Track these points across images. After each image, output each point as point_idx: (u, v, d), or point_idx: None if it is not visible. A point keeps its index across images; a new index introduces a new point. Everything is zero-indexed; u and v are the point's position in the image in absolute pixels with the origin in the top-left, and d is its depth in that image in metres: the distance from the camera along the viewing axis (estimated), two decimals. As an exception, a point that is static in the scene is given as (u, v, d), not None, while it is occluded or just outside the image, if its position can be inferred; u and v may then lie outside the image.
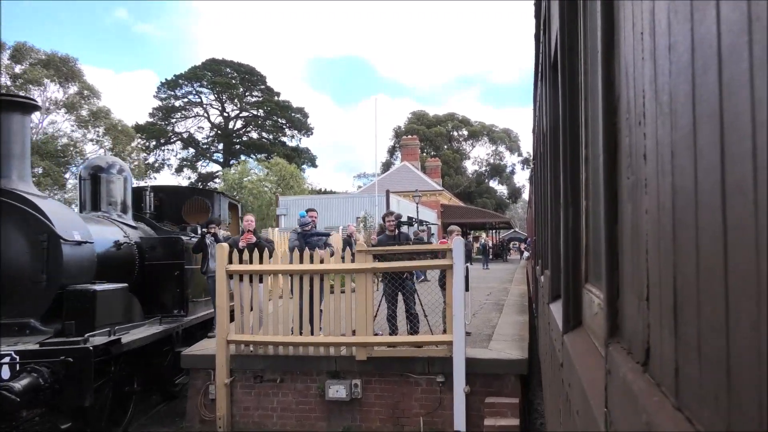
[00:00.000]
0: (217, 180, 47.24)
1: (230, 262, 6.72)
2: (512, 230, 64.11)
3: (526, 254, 31.12)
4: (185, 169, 58.38)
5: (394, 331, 6.84)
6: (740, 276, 0.51)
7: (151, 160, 55.46)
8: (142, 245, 8.04)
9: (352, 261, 6.44)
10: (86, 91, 35.72)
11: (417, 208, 30.43)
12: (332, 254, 6.85)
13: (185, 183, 58.25)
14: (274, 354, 6.69)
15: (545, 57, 3.55)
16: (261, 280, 6.97)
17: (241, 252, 6.91)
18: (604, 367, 1.14)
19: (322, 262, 6.55)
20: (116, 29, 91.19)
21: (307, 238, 7.81)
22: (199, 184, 55.76)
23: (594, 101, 1.65)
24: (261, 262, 6.72)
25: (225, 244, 6.99)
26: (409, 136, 56.24)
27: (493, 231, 56.66)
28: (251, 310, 6.74)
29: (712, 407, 0.57)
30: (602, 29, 1.18)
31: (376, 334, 6.56)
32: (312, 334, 6.50)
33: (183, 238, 8.56)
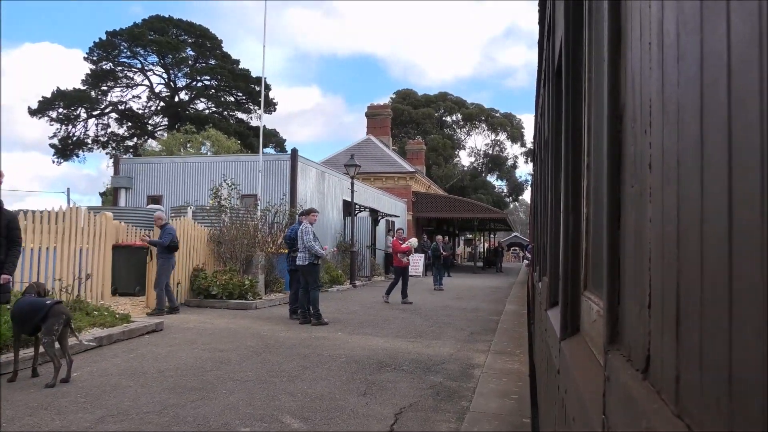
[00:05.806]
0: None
1: None
2: (513, 234, 60.75)
3: (526, 262, 29.45)
4: (128, 151, 45.71)
5: None
6: (745, 285, 0.51)
7: (78, 132, 45.43)
8: None
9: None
10: None
11: (352, 186, 20.12)
12: None
13: (111, 164, 49.08)
14: None
15: (548, 63, 3.56)
16: None
17: None
18: (602, 373, 1.14)
19: None
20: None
21: None
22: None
23: (598, 108, 1.65)
24: None
25: None
26: (379, 103, 41.57)
27: (487, 232, 47.76)
28: None
29: (713, 414, 0.58)
30: (609, 39, 1.19)
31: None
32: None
33: None
